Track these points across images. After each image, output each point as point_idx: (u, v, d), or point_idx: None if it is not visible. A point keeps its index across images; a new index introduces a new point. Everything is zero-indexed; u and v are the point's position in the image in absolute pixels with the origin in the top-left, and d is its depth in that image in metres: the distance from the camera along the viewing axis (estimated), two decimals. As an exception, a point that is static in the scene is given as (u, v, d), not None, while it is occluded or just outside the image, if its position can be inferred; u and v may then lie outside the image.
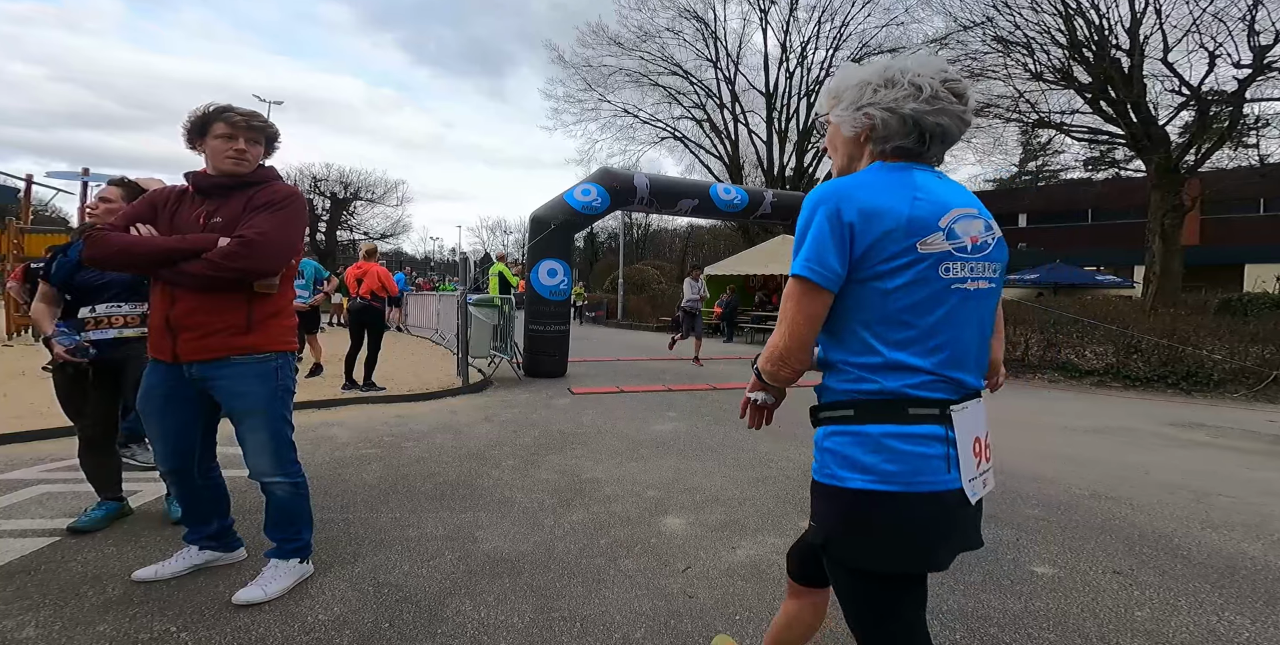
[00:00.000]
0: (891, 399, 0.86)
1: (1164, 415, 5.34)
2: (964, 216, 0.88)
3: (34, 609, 1.69)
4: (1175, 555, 2.26)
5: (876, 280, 0.84)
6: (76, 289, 2.20)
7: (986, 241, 0.90)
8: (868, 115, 0.89)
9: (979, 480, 0.90)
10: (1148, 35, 11.09)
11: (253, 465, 1.77)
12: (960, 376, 0.89)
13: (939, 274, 0.85)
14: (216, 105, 1.69)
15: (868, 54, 19.45)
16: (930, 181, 0.90)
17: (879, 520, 0.86)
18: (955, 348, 0.88)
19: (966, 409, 0.89)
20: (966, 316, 0.88)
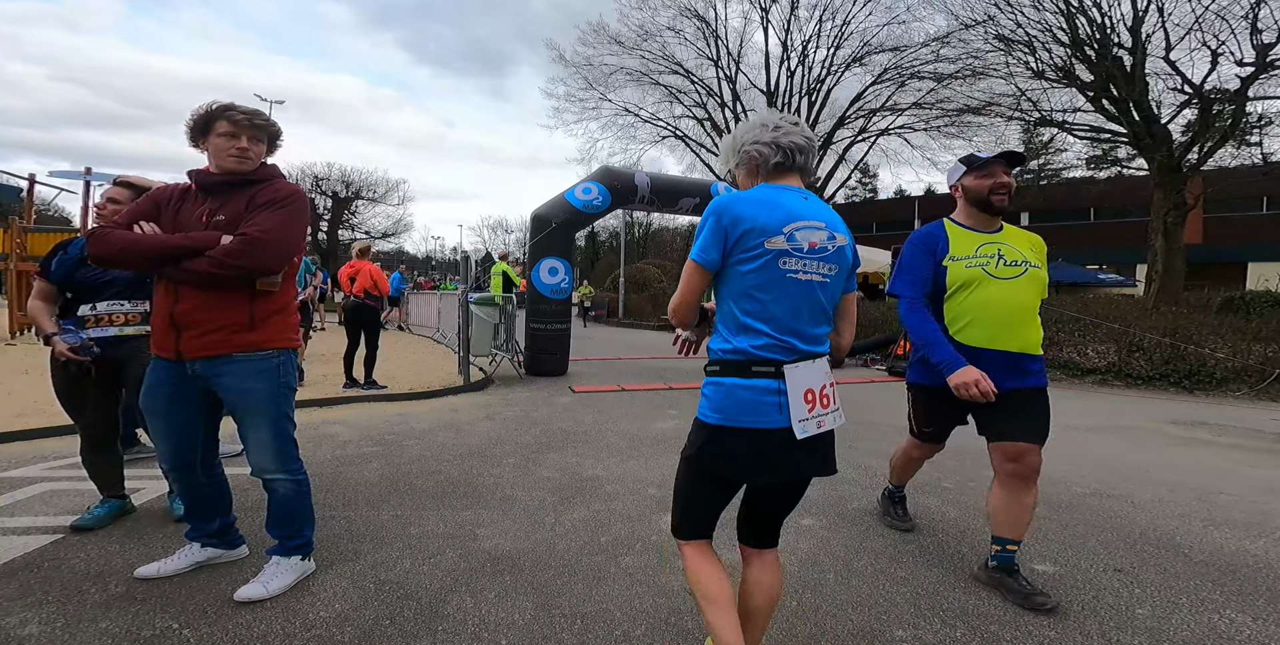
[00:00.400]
0: (741, 359, 1.22)
1: (1166, 414, 5.33)
2: (806, 227, 1.22)
3: (37, 606, 1.70)
4: (1176, 553, 2.26)
5: (738, 265, 1.21)
6: (77, 286, 2.21)
7: (825, 247, 1.24)
8: (747, 152, 1.30)
9: (811, 422, 1.22)
10: (1150, 33, 11.05)
11: (255, 462, 1.78)
12: (792, 341, 1.22)
13: (778, 265, 1.20)
14: (219, 103, 1.69)
15: (869, 53, 19.41)
16: (790, 200, 1.25)
17: (723, 445, 1.23)
18: (788, 319, 1.22)
19: (799, 367, 1.22)
20: (799, 297, 1.23)
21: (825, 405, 1.25)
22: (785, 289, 1.21)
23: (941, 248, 1.94)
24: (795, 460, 1.24)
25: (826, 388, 1.26)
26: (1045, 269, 1.96)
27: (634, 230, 38.35)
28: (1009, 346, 1.87)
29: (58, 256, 2.22)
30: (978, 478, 3.22)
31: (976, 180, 1.93)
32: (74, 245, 2.24)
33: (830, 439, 1.28)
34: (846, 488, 2.99)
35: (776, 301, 1.21)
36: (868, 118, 20.48)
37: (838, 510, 2.66)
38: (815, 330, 1.26)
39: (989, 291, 1.87)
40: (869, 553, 2.21)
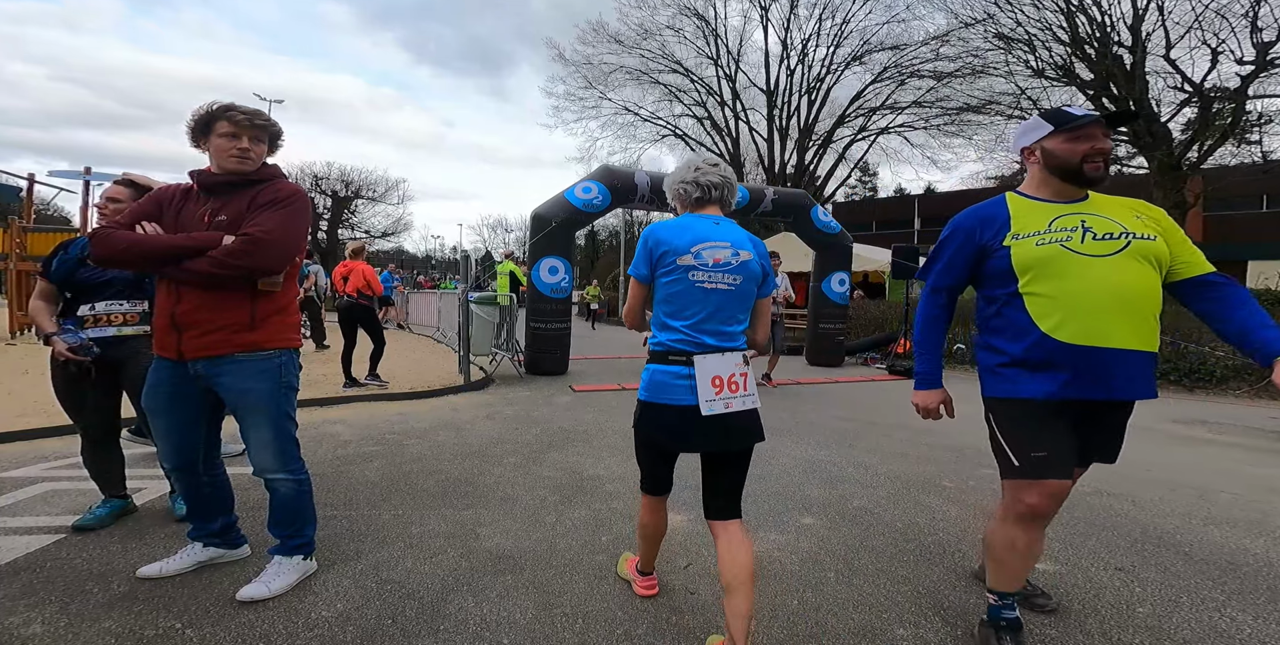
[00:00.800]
0: (662, 350, 1.53)
1: (1166, 412, 5.33)
2: (712, 246, 1.50)
3: (40, 606, 1.70)
4: (1177, 552, 2.26)
5: (660, 277, 1.53)
6: (77, 286, 2.19)
7: (729, 262, 1.51)
8: (675, 190, 1.64)
9: (718, 403, 1.48)
10: (1150, 32, 11.05)
11: (256, 462, 1.78)
12: (703, 338, 1.51)
13: (689, 277, 1.50)
14: (220, 104, 1.69)
15: (869, 51, 19.39)
16: (702, 225, 1.54)
17: (650, 417, 1.55)
18: (697, 320, 1.51)
19: (707, 358, 1.49)
20: (707, 302, 1.51)
21: (734, 390, 1.51)
22: (695, 296, 1.51)
23: (999, 227, 1.52)
24: (706, 433, 1.50)
25: (736, 376, 1.51)
26: (1164, 240, 1.49)
27: (634, 229, 38.34)
28: (1125, 343, 1.42)
29: (58, 256, 2.21)
30: (977, 476, 3.23)
31: (1066, 143, 1.48)
32: (75, 245, 2.23)
33: (749, 416, 1.55)
34: (847, 487, 3.00)
35: (689, 306, 1.51)
36: (867, 116, 20.48)
37: (838, 509, 2.66)
38: (727, 328, 1.53)
39: (1077, 273, 1.42)
40: (870, 551, 2.21)
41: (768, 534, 2.35)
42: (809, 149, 21.24)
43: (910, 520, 2.53)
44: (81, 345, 2.09)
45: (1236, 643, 1.64)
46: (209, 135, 1.68)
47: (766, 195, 8.00)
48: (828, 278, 8.43)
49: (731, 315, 1.54)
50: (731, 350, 1.52)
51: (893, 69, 19.02)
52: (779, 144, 21.18)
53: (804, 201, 8.38)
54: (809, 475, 3.18)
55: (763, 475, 3.16)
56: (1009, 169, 24.93)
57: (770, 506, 2.67)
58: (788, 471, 3.24)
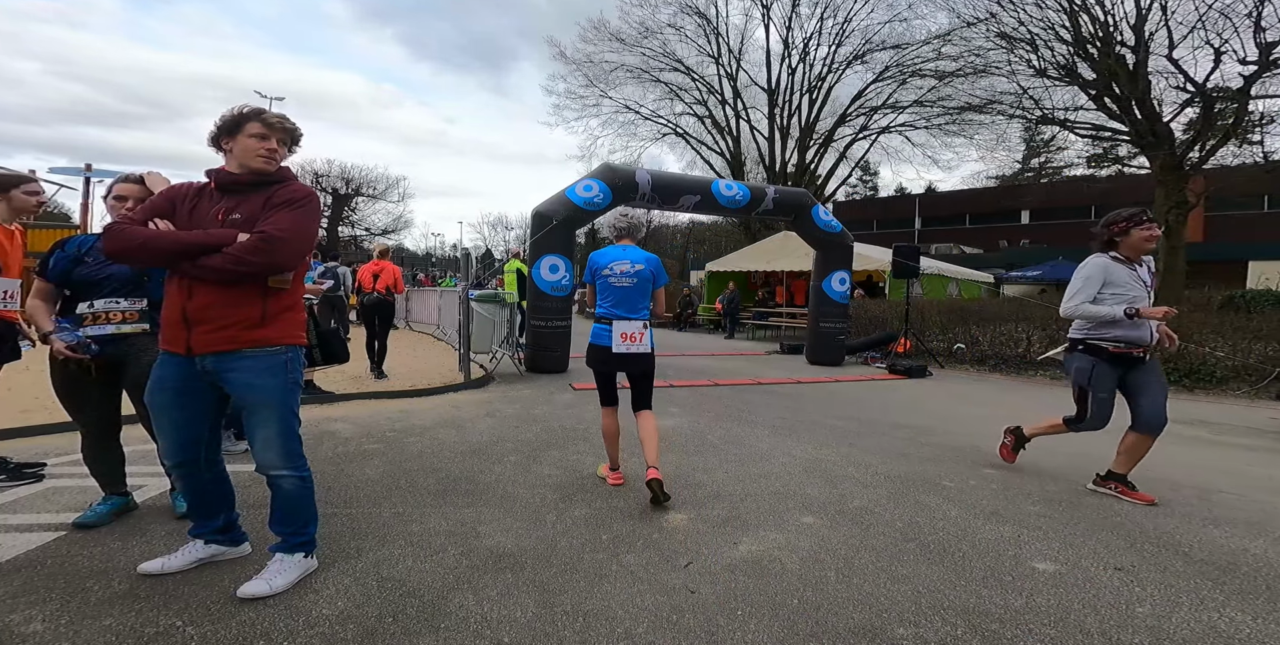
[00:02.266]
0: (600, 316, 2.80)
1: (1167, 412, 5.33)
2: (620, 263, 2.79)
3: (40, 603, 1.70)
4: (1176, 552, 2.26)
5: (595, 281, 2.83)
6: (74, 284, 2.18)
7: (629, 271, 2.76)
8: (612, 227, 3.03)
9: (623, 346, 2.73)
10: (1153, 31, 11.01)
11: (260, 458, 1.79)
12: (615, 312, 2.77)
13: (608, 281, 2.78)
14: (251, 107, 1.76)
15: (871, 50, 19.37)
16: (616, 251, 2.85)
17: (592, 352, 2.83)
18: (613, 303, 2.78)
19: (618, 323, 2.75)
20: (619, 294, 2.78)
21: (634, 340, 2.75)
22: (612, 290, 2.79)
23: None
24: (620, 361, 2.80)
25: (635, 334, 2.75)
26: None
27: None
28: None
29: (55, 254, 2.19)
30: (978, 476, 3.23)
31: None
32: (71, 243, 2.21)
33: (643, 357, 2.80)
34: (848, 486, 3.00)
35: (609, 296, 2.80)
36: (869, 115, 20.46)
37: (838, 508, 2.66)
38: (631, 309, 2.79)
39: None
40: (870, 550, 2.21)
41: (768, 533, 2.35)
42: (810, 148, 21.22)
43: (911, 519, 2.53)
44: (80, 343, 2.08)
45: (1236, 643, 1.64)
46: (236, 135, 1.71)
47: (768, 194, 8.00)
48: (829, 277, 8.42)
49: (634, 301, 2.80)
50: (633, 319, 2.79)
51: (894, 68, 19.01)
52: (780, 143, 21.16)
53: (805, 200, 8.37)
54: (809, 474, 3.18)
55: (763, 474, 3.16)
56: (1010, 168, 24.96)
57: (770, 505, 2.67)
58: (788, 471, 3.25)
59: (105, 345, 2.14)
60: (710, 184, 7.81)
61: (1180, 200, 11.32)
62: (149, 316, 2.18)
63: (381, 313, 6.00)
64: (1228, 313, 8.81)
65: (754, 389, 6.06)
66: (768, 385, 6.33)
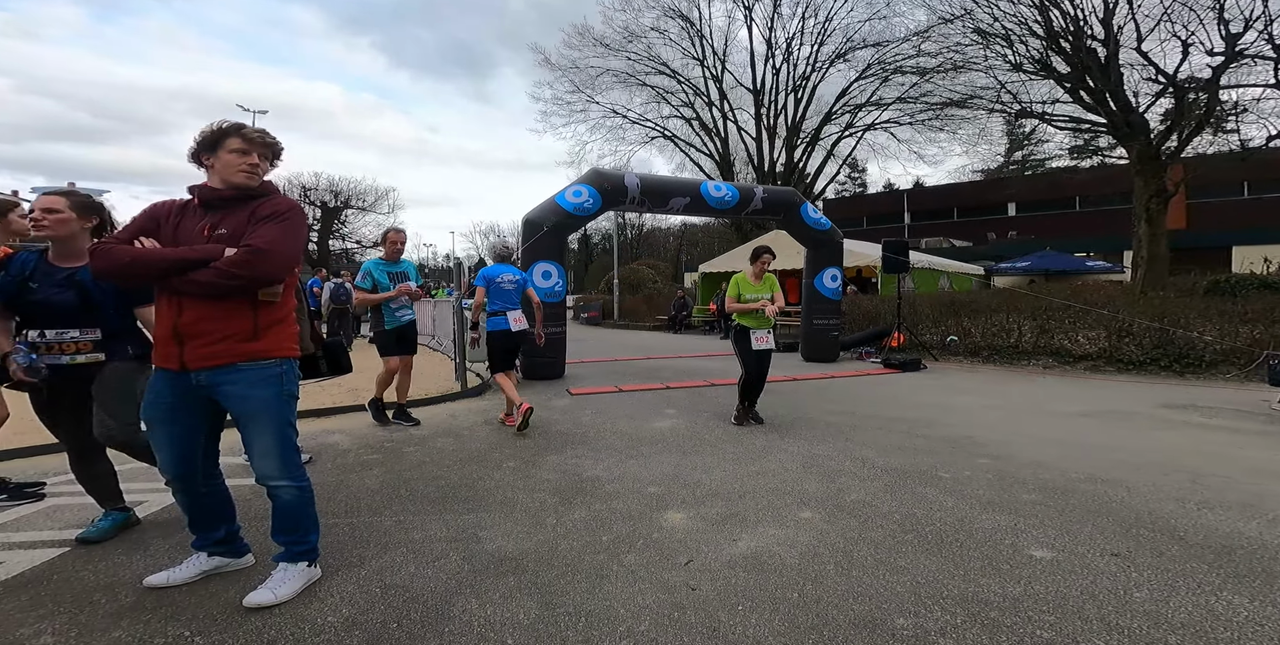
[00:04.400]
0: (493, 312, 4.35)
1: (1157, 397, 5.40)
2: (503, 274, 4.39)
3: (49, 617, 1.70)
4: (1172, 536, 2.28)
5: (490, 288, 4.38)
6: (21, 309, 2.09)
7: (512, 280, 4.40)
8: (493, 253, 4.94)
9: (516, 327, 4.35)
10: (1121, 25, 11.19)
11: (259, 470, 1.80)
12: (506, 307, 4.36)
13: (500, 286, 4.36)
14: (230, 122, 1.77)
15: (852, 49, 19.56)
16: (501, 267, 4.46)
17: (495, 336, 4.38)
18: (502, 302, 4.35)
19: (510, 313, 4.35)
20: (508, 296, 4.38)
21: (521, 322, 4.36)
22: (504, 292, 4.32)
23: None
24: (519, 336, 4.40)
25: (521, 317, 4.37)
26: None
27: (626, 232, 38.37)
28: None
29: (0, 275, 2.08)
30: (973, 466, 3.26)
31: None
32: (14, 263, 2.10)
33: (527, 331, 4.45)
34: (845, 480, 3.03)
35: (501, 296, 4.31)
36: (854, 113, 20.64)
37: (835, 502, 2.69)
38: (515, 303, 4.36)
39: None
40: (868, 543, 2.24)
41: (766, 529, 2.37)
42: (797, 147, 21.37)
43: (908, 511, 2.56)
44: (31, 367, 2.00)
45: (1234, 625, 1.65)
46: (217, 151, 1.72)
47: (756, 194, 8.06)
48: (820, 274, 8.48)
49: (515, 299, 4.34)
50: (517, 310, 4.35)
51: (876, 66, 19.20)
52: (767, 142, 21.29)
53: (793, 199, 8.43)
54: (806, 470, 3.21)
55: (760, 471, 3.18)
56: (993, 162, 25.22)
57: (768, 501, 2.70)
58: (785, 467, 3.27)
59: (60, 372, 2.08)
60: (699, 186, 7.86)
61: (1159, 189, 11.48)
62: (104, 346, 2.12)
63: None
64: (1214, 298, 8.93)
65: (750, 388, 6.08)
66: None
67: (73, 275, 2.07)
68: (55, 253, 2.12)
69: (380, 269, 4.19)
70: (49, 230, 2.06)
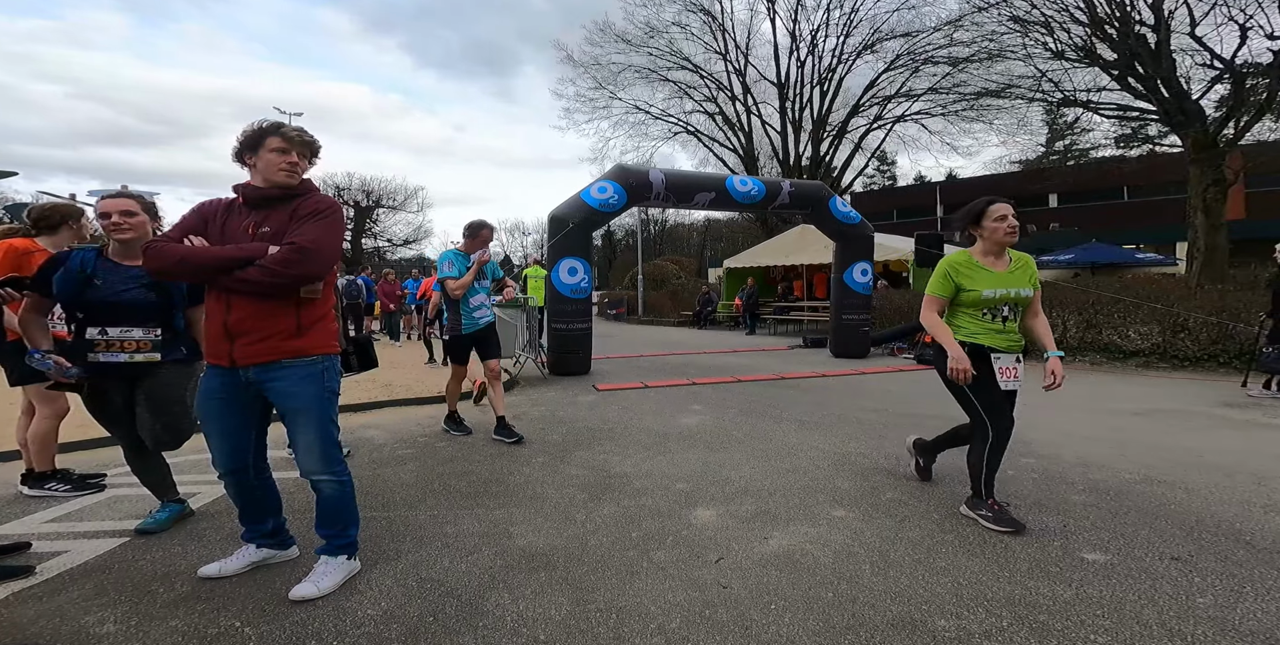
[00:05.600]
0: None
1: (1216, 396, 5.09)
2: None
3: (112, 605, 1.79)
4: (1237, 541, 2.15)
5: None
6: (86, 307, 2.08)
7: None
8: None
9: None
10: (1172, 10, 10.53)
11: (302, 463, 1.86)
12: None
13: None
14: (270, 121, 1.81)
15: (880, 40, 19.00)
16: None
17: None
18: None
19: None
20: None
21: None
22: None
23: None
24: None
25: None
26: None
27: (649, 227, 38.31)
28: None
29: (57, 272, 2.07)
30: (1016, 466, 3.14)
31: None
32: (73, 259, 2.10)
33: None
34: (879, 478, 2.95)
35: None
36: (882, 105, 20.05)
37: (870, 501, 2.62)
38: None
39: None
40: (905, 543, 2.17)
41: (798, 527, 2.33)
42: (824, 140, 20.91)
43: (948, 511, 2.48)
44: (56, 369, 2.00)
45: None
46: (259, 151, 1.76)
47: (783, 188, 7.92)
48: (850, 268, 8.29)
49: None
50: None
51: (905, 56, 18.58)
52: (793, 136, 20.90)
53: (821, 193, 8.26)
54: (839, 468, 3.14)
55: (791, 469, 3.13)
56: (1034, 152, 24.17)
57: (800, 500, 2.65)
58: (816, 465, 3.21)
59: (115, 370, 2.10)
60: (724, 180, 7.77)
61: (1217, 178, 10.79)
62: (161, 346, 2.13)
63: None
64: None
65: (778, 384, 6.00)
66: (791, 380, 6.25)
67: None
68: (118, 252, 2.14)
69: (461, 259, 3.81)
70: (132, 232, 2.09)
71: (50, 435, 2.77)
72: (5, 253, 2.47)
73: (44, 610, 1.77)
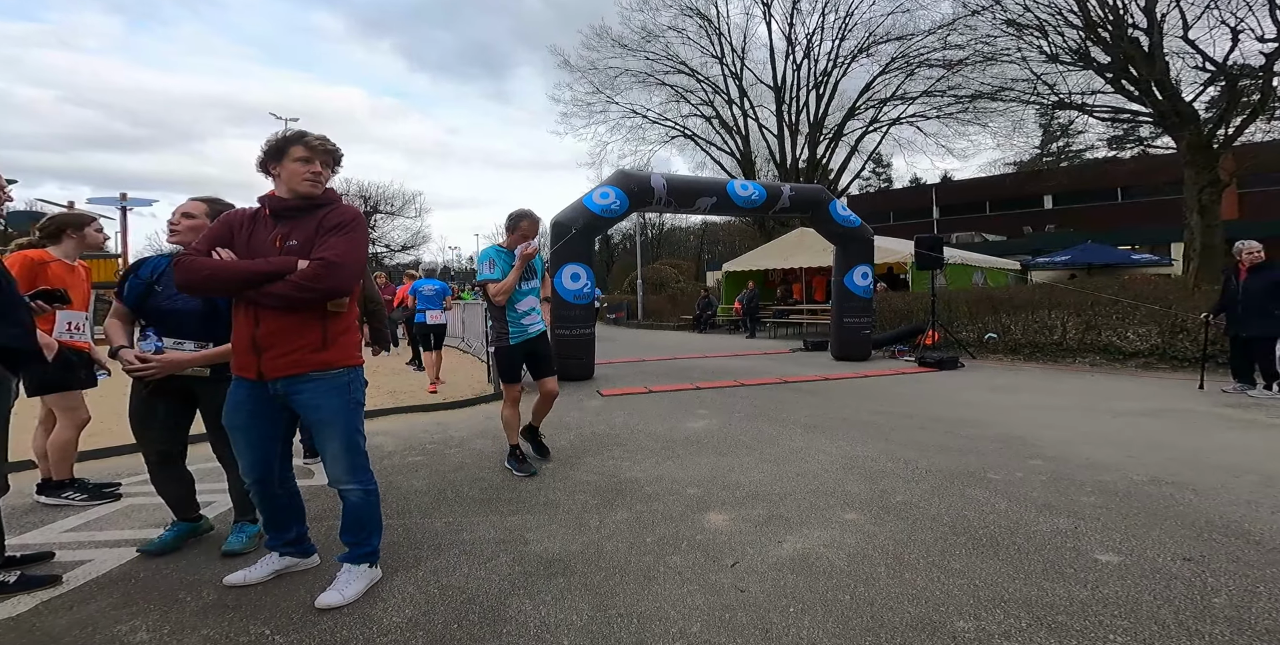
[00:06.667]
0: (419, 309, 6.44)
1: (1219, 396, 5.13)
2: (427, 284, 6.47)
3: (142, 614, 1.80)
4: (1248, 541, 2.17)
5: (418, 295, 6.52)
6: (147, 314, 2.12)
7: (434, 289, 6.39)
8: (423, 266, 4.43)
9: (434, 320, 6.29)
10: (1165, 13, 10.68)
11: (330, 473, 1.88)
12: (429, 308, 6.34)
13: (423, 293, 6.36)
14: (294, 131, 1.81)
15: (875, 43, 19.17)
16: (427, 281, 6.51)
17: (417, 327, 6.47)
18: (424, 303, 6.35)
19: (429, 312, 6.34)
20: (429, 300, 6.35)
21: (438, 318, 6.28)
22: (426, 298, 6.33)
23: None
24: (435, 329, 6.23)
25: (440, 314, 6.29)
26: None
27: (648, 231, 38.39)
28: None
29: (130, 278, 2.14)
30: (1025, 468, 3.16)
31: None
32: (145, 266, 2.14)
33: (443, 326, 6.36)
34: (888, 481, 2.97)
35: (425, 301, 6.32)
36: (878, 107, 20.22)
37: (881, 504, 2.64)
38: (437, 304, 6.34)
39: None
40: (919, 545, 2.19)
41: (811, 531, 2.35)
42: (820, 143, 21.05)
43: (958, 514, 2.50)
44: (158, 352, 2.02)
45: None
46: (282, 160, 1.77)
47: (783, 192, 7.97)
48: (850, 271, 8.34)
49: (438, 303, 6.34)
50: (441, 311, 6.38)
51: (900, 59, 18.77)
52: (789, 139, 21.03)
53: (821, 196, 8.32)
54: (848, 471, 3.16)
55: (800, 472, 3.15)
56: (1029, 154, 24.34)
57: (810, 503, 2.67)
58: (825, 468, 3.23)
59: (171, 381, 2.08)
60: (725, 185, 7.82)
61: (1212, 179, 10.91)
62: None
63: None
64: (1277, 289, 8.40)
65: (781, 387, 6.03)
66: (795, 383, 6.28)
67: None
68: None
69: (504, 257, 3.21)
70: (180, 236, 2.07)
71: (71, 445, 2.78)
72: (21, 264, 2.50)
73: (75, 620, 1.78)
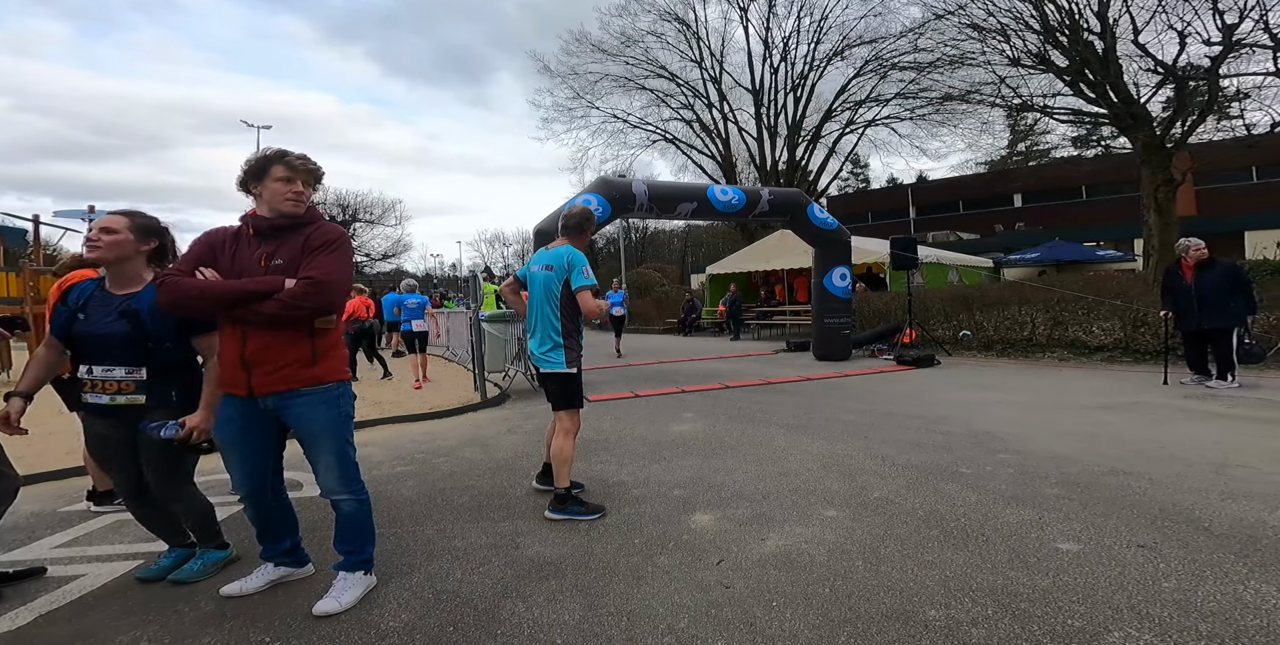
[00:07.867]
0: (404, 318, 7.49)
1: (1177, 388, 5.39)
2: (409, 298, 7.21)
3: (142, 625, 1.82)
4: (1197, 527, 2.29)
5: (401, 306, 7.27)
6: (72, 341, 1.92)
7: (416, 302, 7.20)
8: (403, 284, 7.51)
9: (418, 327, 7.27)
10: (1117, 18, 11.17)
11: (322, 484, 1.91)
12: (412, 317, 7.19)
13: (406, 304, 7.16)
14: (274, 150, 1.81)
15: (849, 46, 19.59)
16: (409, 295, 7.26)
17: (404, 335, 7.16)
18: (408, 314, 7.13)
19: (413, 322, 7.23)
20: (410, 312, 7.17)
21: (419, 326, 7.29)
22: (409, 310, 7.16)
23: None
24: (419, 336, 7.25)
25: (419, 325, 7.28)
26: None
27: (631, 235, 38.50)
28: None
29: (56, 306, 1.98)
30: (994, 462, 3.31)
31: None
32: (73, 291, 1.97)
33: (426, 332, 7.36)
34: (866, 478, 3.08)
35: (408, 313, 7.26)
36: (854, 110, 20.63)
37: (859, 500, 2.75)
38: (419, 315, 7.32)
39: None
40: (894, 540, 2.29)
41: (793, 528, 2.44)
42: (799, 145, 21.39)
43: (932, 508, 2.61)
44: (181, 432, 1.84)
45: (1263, 613, 1.67)
46: (264, 180, 1.78)
47: (762, 196, 8.13)
48: (829, 273, 8.53)
49: (420, 313, 7.24)
50: (423, 320, 7.35)
51: (873, 62, 19.20)
52: (769, 142, 21.33)
53: (800, 200, 8.49)
54: (827, 469, 3.27)
55: (782, 472, 3.25)
56: (997, 154, 25.10)
57: (793, 501, 2.76)
58: (806, 467, 3.33)
59: (105, 414, 1.93)
60: (706, 190, 7.94)
61: (1167, 178, 11.41)
62: (146, 387, 1.90)
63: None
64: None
65: (765, 389, 6.15)
66: (778, 384, 6.41)
67: (126, 303, 1.89)
68: (111, 279, 1.95)
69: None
70: (100, 252, 1.88)
71: None
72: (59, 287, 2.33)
73: (77, 631, 1.79)
